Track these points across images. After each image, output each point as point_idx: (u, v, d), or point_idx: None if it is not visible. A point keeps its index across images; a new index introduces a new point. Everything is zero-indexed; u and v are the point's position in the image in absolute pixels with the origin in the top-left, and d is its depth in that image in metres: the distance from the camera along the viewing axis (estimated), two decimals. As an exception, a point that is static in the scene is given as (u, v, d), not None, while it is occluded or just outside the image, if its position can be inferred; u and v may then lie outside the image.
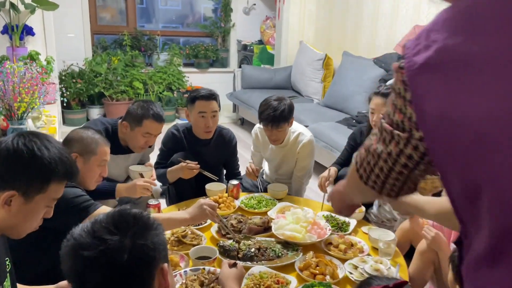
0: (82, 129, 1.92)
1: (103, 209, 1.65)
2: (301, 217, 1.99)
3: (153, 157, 2.64)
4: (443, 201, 1.15)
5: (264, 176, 2.89)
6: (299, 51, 5.30)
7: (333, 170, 2.47)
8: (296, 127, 2.62)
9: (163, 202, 2.72)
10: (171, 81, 5.56)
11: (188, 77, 5.80)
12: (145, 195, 2.11)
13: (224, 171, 2.78)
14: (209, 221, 2.09)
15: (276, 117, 2.34)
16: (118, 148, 2.32)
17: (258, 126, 2.71)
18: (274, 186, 2.49)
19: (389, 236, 1.96)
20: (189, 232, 1.93)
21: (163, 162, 2.52)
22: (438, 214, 1.16)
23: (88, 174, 1.83)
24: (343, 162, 2.58)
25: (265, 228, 2.04)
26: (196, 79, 5.94)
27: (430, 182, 1.37)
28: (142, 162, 2.54)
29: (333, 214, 2.22)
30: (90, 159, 1.82)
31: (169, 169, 2.42)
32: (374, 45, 4.56)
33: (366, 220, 2.25)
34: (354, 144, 2.56)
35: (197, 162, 2.35)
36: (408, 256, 2.10)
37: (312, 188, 3.13)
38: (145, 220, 0.97)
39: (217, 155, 2.61)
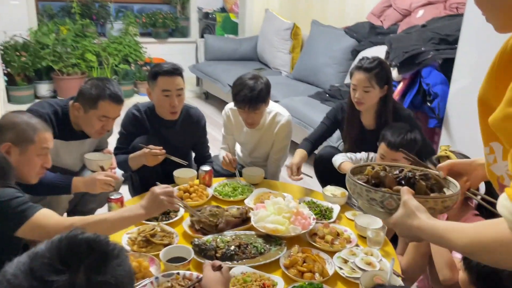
0: (16, 113, 1.62)
1: (45, 213, 1.38)
2: (283, 207, 1.81)
3: (112, 141, 2.36)
4: (478, 228, 0.80)
5: (237, 158, 2.68)
6: (265, 20, 5.02)
7: (298, 154, 2.26)
8: (272, 107, 2.41)
9: (126, 191, 2.46)
10: (127, 52, 5.15)
11: (145, 48, 5.40)
12: (107, 191, 1.85)
13: (193, 154, 2.54)
14: (180, 214, 1.87)
15: (253, 98, 2.12)
16: (71, 133, 2.03)
17: (229, 107, 2.48)
18: (250, 170, 2.29)
19: (377, 223, 1.82)
20: (159, 230, 1.70)
21: (124, 147, 2.25)
22: (472, 246, 0.79)
23: (26, 167, 1.55)
24: (318, 138, 2.38)
25: (243, 220, 1.84)
26: (154, 50, 5.55)
27: (440, 201, 1.03)
28: (99, 148, 2.25)
29: (315, 200, 2.06)
30: (27, 148, 1.54)
31: (131, 155, 2.16)
32: (344, 13, 4.36)
33: (348, 205, 2.11)
34: (334, 120, 2.36)
35: (161, 148, 2.10)
36: (393, 240, 1.99)
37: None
38: (103, 246, 0.74)
39: (185, 138, 2.36)
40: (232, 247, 1.61)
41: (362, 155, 2.22)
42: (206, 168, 2.16)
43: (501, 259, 0.77)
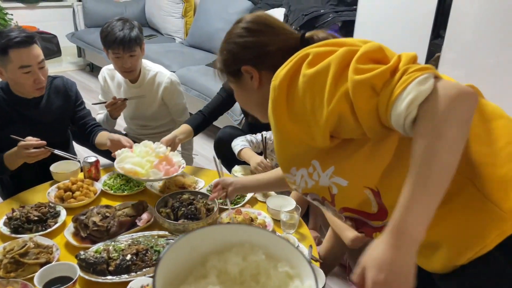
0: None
1: None
2: (150, 150, 1.72)
3: None
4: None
5: (123, 130, 2.45)
6: (151, -20, 4.54)
7: (177, 130, 1.95)
8: (151, 66, 2.25)
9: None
10: (-13, 20, 4.32)
11: (11, 14, 4.58)
12: None
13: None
14: (61, 220, 1.53)
15: (126, 36, 1.98)
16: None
17: (106, 68, 2.30)
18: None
19: (290, 204, 1.68)
20: (32, 246, 1.36)
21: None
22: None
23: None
24: (212, 110, 2.07)
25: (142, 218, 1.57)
26: (23, 16, 4.75)
27: None
28: None
29: None
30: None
31: (6, 154, 1.73)
32: (238, -26, 4.08)
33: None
34: (231, 92, 2.12)
35: (38, 139, 1.69)
36: (305, 216, 1.89)
37: (202, 153, 2.67)
38: None
39: (58, 112, 1.95)
40: (128, 256, 1.34)
41: (265, 134, 2.05)
42: (91, 159, 1.81)
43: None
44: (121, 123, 2.46)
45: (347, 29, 2.47)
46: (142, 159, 1.68)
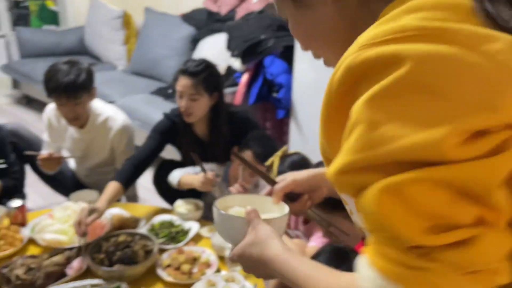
0: None
1: None
2: (72, 214, 1.60)
3: None
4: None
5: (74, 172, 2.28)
6: (91, 7, 4.40)
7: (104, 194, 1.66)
8: (102, 109, 2.02)
9: None
10: None
11: None
12: None
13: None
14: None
15: (71, 83, 1.75)
16: None
17: (50, 107, 2.04)
18: (79, 194, 1.84)
19: (237, 238, 1.60)
20: None
21: None
22: None
23: None
24: (145, 158, 1.85)
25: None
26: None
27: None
28: None
29: (176, 218, 1.74)
30: None
31: None
32: (180, 0, 4.05)
33: (205, 219, 1.84)
34: (165, 136, 1.92)
35: None
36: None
37: (146, 185, 2.49)
38: None
39: None
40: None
41: (207, 167, 1.93)
42: (16, 203, 1.65)
43: None
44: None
45: (290, 55, 2.47)
46: (64, 225, 1.55)
